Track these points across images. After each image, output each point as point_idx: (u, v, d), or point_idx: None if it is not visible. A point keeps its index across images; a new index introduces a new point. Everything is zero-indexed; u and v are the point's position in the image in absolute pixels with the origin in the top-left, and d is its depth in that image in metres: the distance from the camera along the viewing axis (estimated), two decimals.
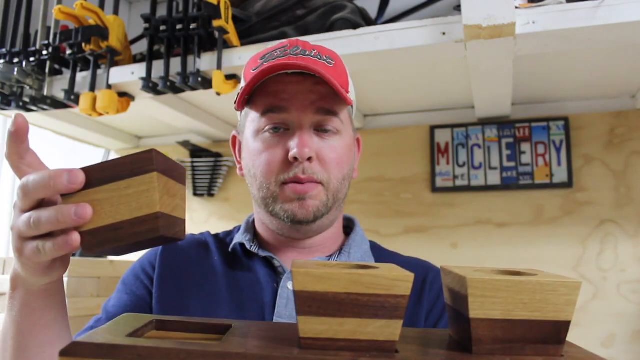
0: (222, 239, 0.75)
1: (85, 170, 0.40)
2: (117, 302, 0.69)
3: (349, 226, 0.77)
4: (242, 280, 0.68)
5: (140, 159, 0.39)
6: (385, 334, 0.34)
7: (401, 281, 0.34)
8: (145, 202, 0.39)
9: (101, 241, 0.41)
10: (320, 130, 0.65)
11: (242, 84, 0.70)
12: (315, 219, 0.65)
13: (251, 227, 0.75)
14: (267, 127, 0.65)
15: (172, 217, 0.43)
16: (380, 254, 0.75)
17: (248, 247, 0.70)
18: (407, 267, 0.64)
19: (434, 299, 0.68)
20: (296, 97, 0.64)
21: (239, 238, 0.72)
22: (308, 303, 0.34)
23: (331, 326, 0.34)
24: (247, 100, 0.68)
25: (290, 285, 0.66)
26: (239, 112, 0.73)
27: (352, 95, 0.69)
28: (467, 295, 0.34)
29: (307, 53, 0.65)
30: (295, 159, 0.62)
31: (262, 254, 0.69)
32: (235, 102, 0.68)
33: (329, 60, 0.66)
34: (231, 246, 0.71)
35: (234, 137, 0.76)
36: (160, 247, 0.72)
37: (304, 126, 0.64)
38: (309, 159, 0.63)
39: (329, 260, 0.69)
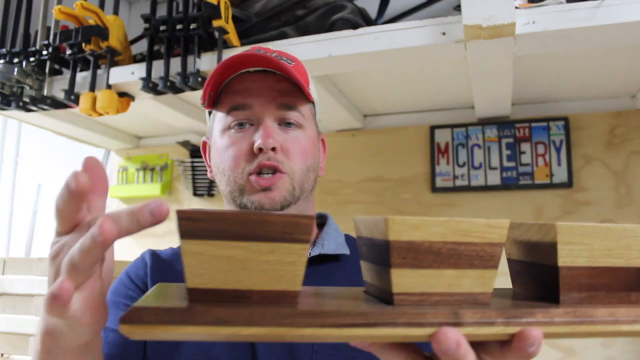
0: None
1: (224, 215, 0.32)
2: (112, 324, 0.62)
3: (322, 222, 0.79)
4: None
5: (297, 224, 0.32)
6: (481, 286, 0.33)
7: (496, 227, 0.33)
8: (287, 276, 0.33)
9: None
10: (283, 124, 0.69)
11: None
12: (282, 208, 0.67)
13: None
14: (232, 124, 0.69)
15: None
16: (356, 245, 0.75)
17: None
18: None
19: None
20: (259, 94, 0.68)
21: None
22: (403, 254, 0.32)
23: (426, 279, 0.32)
24: (214, 101, 0.71)
25: None
26: (207, 118, 0.77)
27: (312, 93, 0.73)
28: (555, 243, 0.34)
29: (268, 54, 0.69)
30: (260, 149, 0.65)
31: None
32: (201, 98, 0.71)
33: (288, 60, 0.70)
34: None
35: (204, 143, 0.78)
36: (148, 263, 0.71)
37: (267, 120, 0.68)
38: (273, 149, 0.66)
39: None
